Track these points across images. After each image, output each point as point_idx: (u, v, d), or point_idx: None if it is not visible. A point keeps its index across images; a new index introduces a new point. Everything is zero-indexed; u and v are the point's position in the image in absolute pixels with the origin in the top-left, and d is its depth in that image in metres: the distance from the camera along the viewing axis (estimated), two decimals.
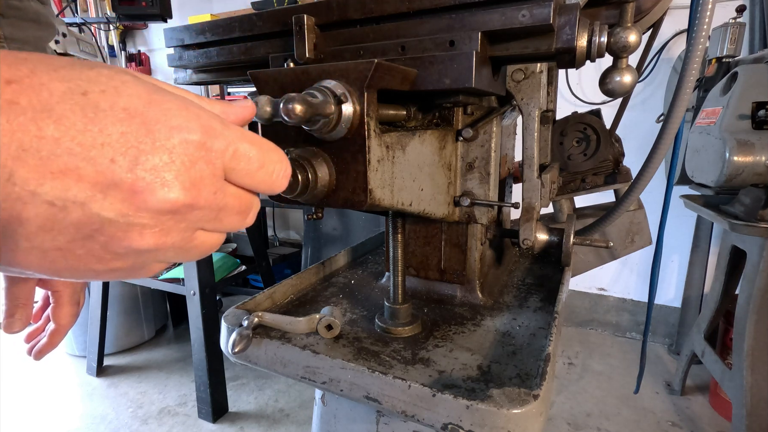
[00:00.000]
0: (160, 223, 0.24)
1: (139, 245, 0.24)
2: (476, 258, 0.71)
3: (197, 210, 0.26)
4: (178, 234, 0.26)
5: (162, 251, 0.26)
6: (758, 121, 1.36)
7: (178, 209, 0.24)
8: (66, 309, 0.60)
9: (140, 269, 0.27)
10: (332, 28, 0.57)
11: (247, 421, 1.90)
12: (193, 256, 0.28)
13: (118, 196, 0.22)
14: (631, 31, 0.49)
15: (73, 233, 0.22)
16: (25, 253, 0.22)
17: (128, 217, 0.23)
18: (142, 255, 0.25)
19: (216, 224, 0.28)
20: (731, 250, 1.69)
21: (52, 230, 0.22)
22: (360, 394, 0.50)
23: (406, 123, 0.59)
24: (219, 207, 0.27)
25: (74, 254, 0.23)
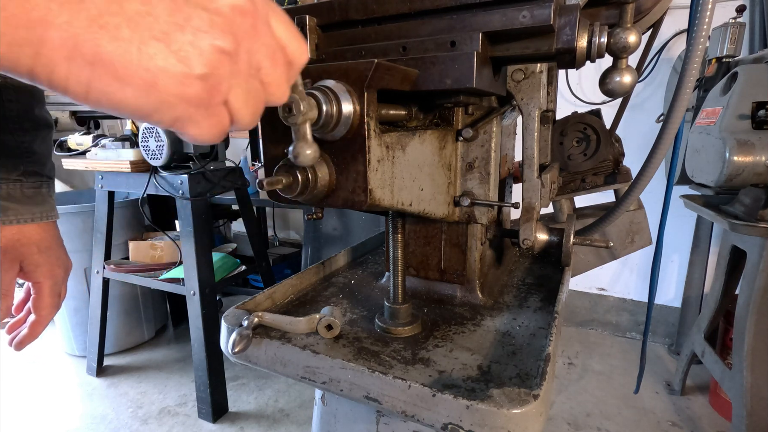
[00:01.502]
0: (236, 24, 0.25)
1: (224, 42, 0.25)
2: (476, 258, 0.71)
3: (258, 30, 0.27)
4: (248, 52, 0.27)
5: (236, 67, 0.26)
6: (758, 121, 1.36)
7: (247, 13, 0.26)
8: (46, 300, 0.61)
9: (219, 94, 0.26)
10: (334, 28, 0.57)
11: (247, 421, 1.90)
12: (252, 100, 0.28)
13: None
14: (631, 32, 0.49)
15: (166, 19, 0.23)
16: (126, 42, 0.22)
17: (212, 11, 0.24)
18: (224, 63, 0.25)
19: (272, 64, 0.29)
20: (731, 250, 1.69)
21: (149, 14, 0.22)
22: (360, 394, 0.50)
23: (407, 123, 0.60)
24: (272, 46, 0.29)
25: (170, 47, 0.23)
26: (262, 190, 0.41)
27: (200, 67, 0.24)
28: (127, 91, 0.23)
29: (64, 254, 0.66)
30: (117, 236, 2.22)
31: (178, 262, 2.13)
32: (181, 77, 0.24)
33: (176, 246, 2.12)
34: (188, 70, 0.24)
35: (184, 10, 0.24)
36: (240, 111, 0.28)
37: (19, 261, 0.60)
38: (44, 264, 0.61)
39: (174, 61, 0.23)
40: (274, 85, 0.30)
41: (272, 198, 0.46)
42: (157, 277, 2.00)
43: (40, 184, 0.64)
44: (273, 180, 0.39)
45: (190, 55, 0.24)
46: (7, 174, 0.60)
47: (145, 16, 0.22)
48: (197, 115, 0.26)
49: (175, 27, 0.23)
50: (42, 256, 0.61)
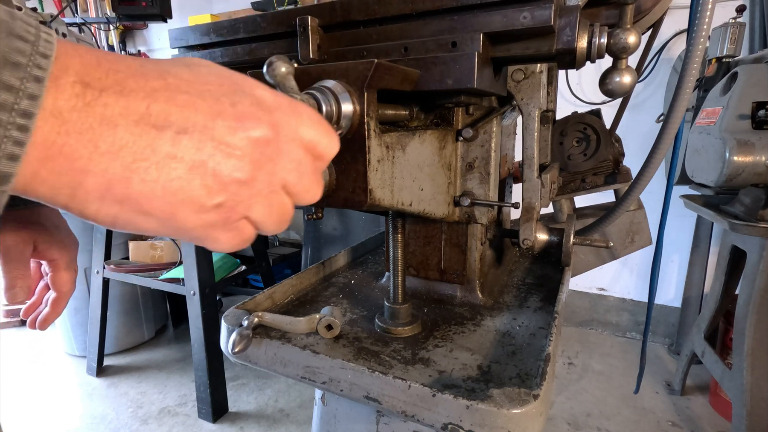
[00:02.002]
0: (255, 153, 0.27)
1: (240, 173, 0.27)
2: (476, 258, 0.71)
3: (280, 152, 0.29)
4: (267, 174, 0.28)
5: (254, 191, 0.28)
6: (758, 121, 1.36)
7: (267, 141, 0.28)
8: (65, 275, 0.63)
9: (236, 213, 0.28)
10: (336, 29, 0.57)
11: (247, 421, 1.90)
12: (274, 215, 0.30)
13: (223, 125, 0.26)
14: (631, 33, 0.49)
15: (189, 160, 0.25)
16: (152, 184, 0.25)
17: (232, 144, 0.26)
18: (240, 189, 0.27)
19: (296, 178, 0.30)
20: (731, 250, 1.69)
21: (176, 158, 0.25)
22: (360, 394, 0.50)
23: (408, 123, 0.60)
24: (297, 158, 0.30)
25: (190, 185, 0.25)
26: None
27: (216, 198, 0.26)
28: (150, 222, 0.26)
29: (71, 232, 0.67)
30: (117, 236, 2.22)
31: (178, 262, 2.13)
32: (197, 209, 0.26)
33: (176, 246, 2.12)
34: (204, 202, 0.26)
35: (207, 148, 0.26)
36: (263, 223, 0.30)
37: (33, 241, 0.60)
38: (57, 241, 0.63)
39: (192, 195, 0.26)
40: (303, 192, 0.31)
41: None
42: (157, 277, 2.00)
43: None
44: None
45: (207, 187, 0.26)
46: None
47: (173, 158, 0.25)
48: (215, 234, 0.29)
49: (198, 164, 0.26)
50: (54, 233, 0.63)
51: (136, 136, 0.24)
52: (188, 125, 0.25)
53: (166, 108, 0.25)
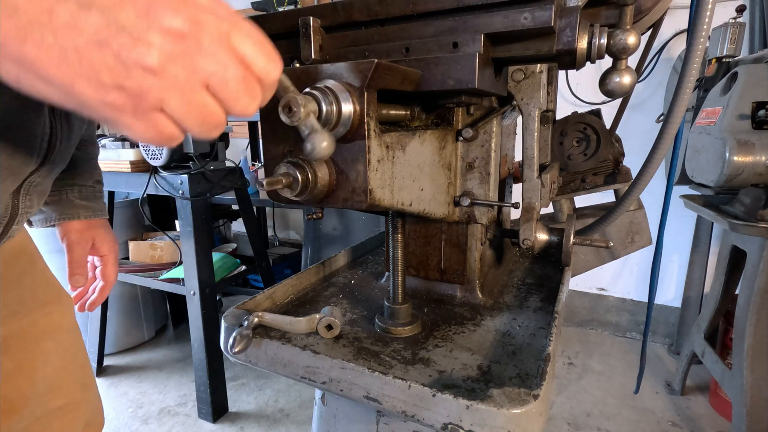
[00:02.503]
0: (167, 45, 0.26)
1: (146, 60, 0.26)
2: (476, 258, 0.71)
3: (201, 52, 0.28)
4: (182, 69, 0.27)
5: (166, 82, 0.27)
6: (758, 121, 1.36)
7: (183, 35, 0.27)
8: (111, 268, 0.82)
9: (145, 103, 0.27)
10: (338, 29, 0.57)
11: (247, 421, 1.90)
12: (194, 114, 0.29)
13: (134, 9, 0.25)
14: (630, 33, 0.49)
15: (91, 35, 0.25)
16: (48, 49, 0.25)
17: (139, 30, 0.25)
18: (147, 77, 0.26)
19: (221, 83, 0.29)
20: (731, 250, 1.69)
21: (75, 28, 0.25)
22: (360, 394, 0.50)
23: (409, 123, 0.60)
24: (224, 62, 0.29)
25: (89, 59, 0.25)
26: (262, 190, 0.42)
27: (116, 78, 0.26)
28: (50, 89, 0.26)
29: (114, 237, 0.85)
30: (117, 236, 2.20)
31: (178, 262, 2.13)
32: (96, 85, 0.26)
33: (176, 246, 2.12)
34: (103, 79, 0.26)
35: (112, 28, 0.25)
36: (182, 120, 0.29)
37: (91, 240, 0.79)
38: (108, 241, 0.82)
39: (89, 69, 0.25)
40: (231, 100, 0.30)
41: (272, 198, 0.46)
42: (157, 277, 2.00)
43: (101, 189, 0.84)
44: (273, 180, 0.39)
45: (109, 67, 0.26)
46: (84, 182, 0.79)
47: (72, 29, 0.25)
48: (125, 119, 0.28)
49: (98, 41, 0.25)
50: (106, 236, 0.82)
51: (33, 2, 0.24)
52: (93, 1, 0.25)
53: None
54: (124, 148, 1.90)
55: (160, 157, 1.74)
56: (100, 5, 0.25)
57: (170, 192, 1.79)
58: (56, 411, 0.68)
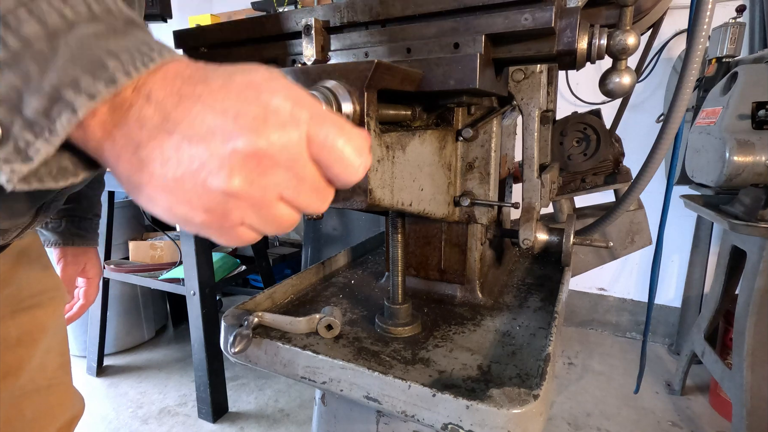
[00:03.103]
0: (247, 168, 0.28)
1: (229, 184, 0.28)
2: (476, 258, 0.71)
3: (278, 168, 0.29)
4: (260, 189, 0.29)
5: (246, 203, 0.29)
6: (758, 121, 1.36)
7: (261, 157, 0.28)
8: (93, 289, 0.94)
9: (229, 221, 0.30)
10: (340, 30, 0.57)
11: (247, 421, 1.90)
12: (271, 224, 0.32)
13: (220, 137, 0.28)
14: (630, 34, 0.49)
15: (187, 165, 0.28)
16: (156, 180, 0.28)
17: (225, 157, 0.28)
18: (230, 201, 0.29)
19: (294, 194, 0.31)
20: (731, 250, 1.69)
21: (177, 161, 0.28)
22: (360, 394, 0.50)
23: (411, 123, 0.60)
24: (299, 176, 0.30)
25: (184, 187, 0.28)
26: None
27: (204, 203, 0.29)
28: (157, 209, 0.30)
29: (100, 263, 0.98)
30: (117, 236, 2.22)
31: (178, 262, 2.13)
32: (189, 209, 0.29)
33: (176, 246, 2.12)
34: (194, 205, 0.29)
35: (202, 157, 0.28)
36: (261, 229, 0.32)
37: (83, 264, 0.91)
38: (96, 266, 0.94)
39: (183, 197, 0.28)
40: (304, 206, 0.32)
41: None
42: (157, 277, 2.00)
43: (98, 222, 0.95)
44: None
45: (197, 194, 0.28)
46: (85, 214, 0.90)
47: (174, 161, 0.28)
48: (212, 234, 0.31)
49: (192, 170, 0.28)
50: (95, 262, 0.94)
51: (151, 138, 0.28)
52: (192, 134, 0.27)
53: (181, 116, 0.28)
54: None
55: None
56: (197, 135, 0.28)
57: None
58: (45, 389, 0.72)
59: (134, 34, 0.28)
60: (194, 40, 0.68)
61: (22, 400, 0.68)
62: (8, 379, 0.66)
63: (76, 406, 0.81)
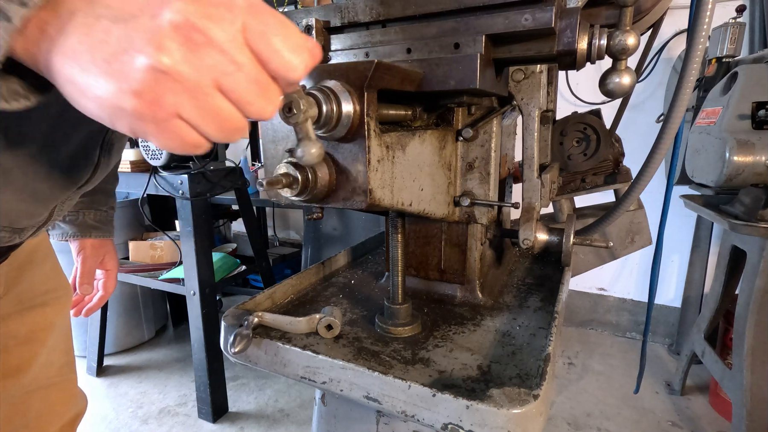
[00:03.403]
0: (176, 42, 0.26)
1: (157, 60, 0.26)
2: (476, 258, 0.71)
3: (211, 47, 0.27)
4: (194, 69, 0.27)
5: (179, 87, 0.27)
6: (758, 121, 1.36)
7: (190, 29, 0.26)
8: (112, 282, 0.95)
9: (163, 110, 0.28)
10: (340, 30, 0.57)
11: (247, 421, 1.90)
12: (210, 118, 0.29)
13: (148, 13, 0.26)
14: (630, 35, 0.49)
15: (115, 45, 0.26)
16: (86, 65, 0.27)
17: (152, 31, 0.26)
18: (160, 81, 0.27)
19: (234, 84, 0.28)
20: (731, 250, 1.69)
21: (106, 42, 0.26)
22: (360, 394, 0.50)
23: (411, 123, 0.60)
24: (235, 61, 0.28)
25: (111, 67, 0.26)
26: (262, 190, 0.42)
27: (132, 84, 0.27)
28: (89, 104, 0.28)
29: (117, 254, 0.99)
30: (117, 236, 2.20)
31: (178, 262, 2.13)
32: (116, 93, 0.27)
33: (176, 246, 2.12)
34: (122, 86, 0.27)
35: (131, 35, 0.26)
36: (200, 126, 0.29)
37: (102, 256, 0.92)
38: (113, 258, 0.95)
39: (109, 80, 0.27)
40: (244, 102, 0.29)
41: (272, 198, 0.46)
42: (157, 277, 2.00)
43: (113, 214, 0.97)
44: (273, 180, 0.39)
45: (124, 73, 0.26)
46: (100, 206, 0.91)
47: (104, 43, 0.26)
48: (149, 128, 0.28)
49: (120, 50, 0.26)
50: (112, 254, 0.95)
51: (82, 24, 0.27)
52: (120, 15, 0.26)
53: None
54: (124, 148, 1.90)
55: (160, 157, 1.74)
56: (125, 15, 0.26)
57: (170, 192, 1.79)
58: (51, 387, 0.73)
59: None
60: None
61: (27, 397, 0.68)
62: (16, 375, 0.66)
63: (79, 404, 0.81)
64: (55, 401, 0.74)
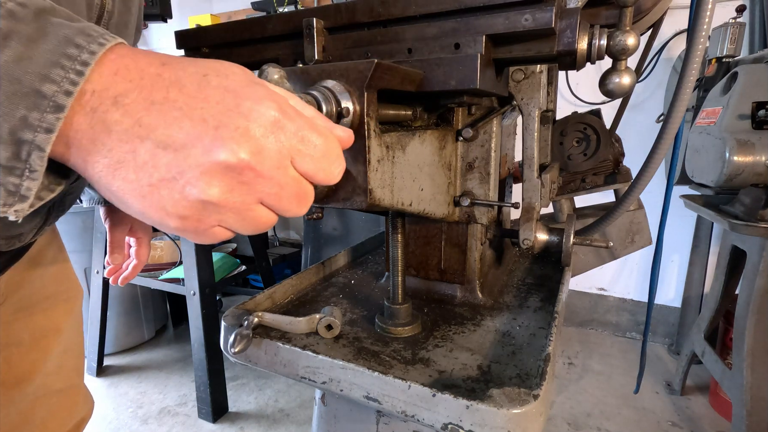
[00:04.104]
0: (227, 178, 0.29)
1: (207, 194, 0.28)
2: (476, 258, 0.71)
3: (260, 178, 0.29)
4: (240, 196, 0.30)
5: (224, 209, 0.30)
6: (758, 121, 1.36)
7: (242, 168, 0.28)
8: (144, 249, 0.91)
9: (204, 225, 0.30)
10: (341, 30, 0.57)
11: (247, 421, 1.90)
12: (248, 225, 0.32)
13: (201, 147, 0.28)
14: (630, 35, 0.49)
15: (164, 172, 0.28)
16: (130, 184, 0.28)
17: (204, 167, 0.28)
18: (207, 208, 0.29)
19: (275, 200, 0.31)
20: (731, 250, 1.69)
21: (153, 167, 0.28)
22: (360, 394, 0.50)
23: (412, 123, 0.60)
24: (280, 183, 0.31)
25: (159, 193, 0.28)
26: None
27: (180, 211, 0.29)
28: (131, 213, 0.30)
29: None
30: None
31: (178, 262, 2.13)
32: (163, 214, 0.29)
33: (176, 246, 2.12)
34: (169, 211, 0.29)
35: (180, 166, 0.28)
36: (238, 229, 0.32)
37: (130, 224, 0.88)
38: (143, 227, 0.91)
39: (159, 203, 0.29)
40: (283, 211, 0.33)
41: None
42: (157, 277, 2.00)
43: None
44: None
45: (173, 200, 0.29)
46: None
47: (149, 167, 0.28)
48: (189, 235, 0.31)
49: (168, 178, 0.28)
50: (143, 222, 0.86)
51: (122, 142, 0.28)
52: (169, 142, 0.28)
53: (155, 122, 0.28)
54: None
55: None
56: (174, 143, 0.28)
57: None
58: (57, 393, 0.71)
59: (51, 32, 0.27)
60: (195, 40, 0.68)
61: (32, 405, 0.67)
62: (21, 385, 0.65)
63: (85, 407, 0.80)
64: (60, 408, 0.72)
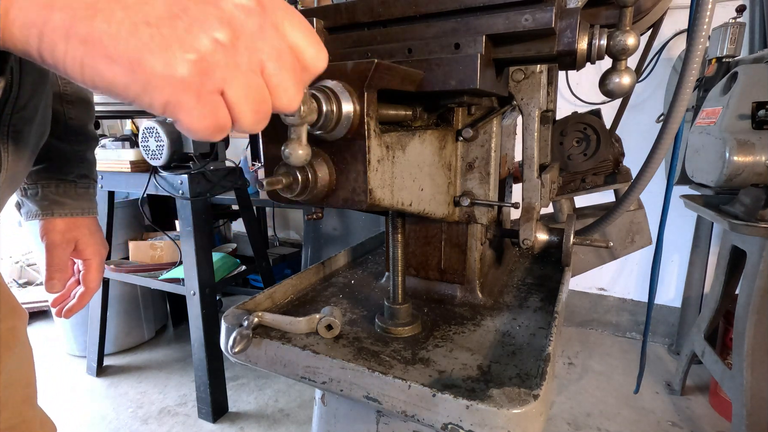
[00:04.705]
0: (236, 21, 0.26)
1: (218, 33, 0.26)
2: (476, 258, 0.71)
3: (262, 32, 0.28)
4: (246, 49, 0.27)
5: (232, 60, 0.26)
6: (758, 121, 1.36)
7: (250, 11, 0.27)
8: (94, 274, 0.75)
9: (209, 85, 0.26)
10: (341, 30, 0.57)
11: (247, 421, 1.90)
12: (248, 96, 0.28)
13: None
14: (630, 35, 0.49)
15: (163, 9, 0.24)
16: (117, 23, 0.23)
17: (213, 3, 0.26)
18: (217, 52, 0.26)
19: (275, 67, 0.29)
20: (731, 250, 1.69)
21: (147, 3, 0.24)
22: (360, 394, 0.50)
23: (412, 123, 0.60)
24: (280, 50, 0.29)
25: (160, 33, 0.24)
26: (262, 190, 0.42)
27: (190, 51, 0.25)
28: (115, 69, 0.24)
29: (104, 239, 0.79)
30: (117, 236, 2.22)
31: (178, 262, 2.13)
32: (167, 58, 0.24)
33: (176, 246, 2.12)
34: (176, 53, 0.24)
35: (183, 2, 0.25)
36: (239, 105, 0.27)
37: (74, 242, 0.73)
38: (93, 245, 0.75)
39: (161, 43, 0.24)
40: (281, 89, 0.29)
41: (272, 198, 0.46)
42: (157, 277, 2.00)
43: (88, 186, 0.77)
44: (273, 180, 0.39)
45: (181, 39, 0.24)
46: (64, 176, 0.73)
47: (143, 4, 0.24)
48: (188, 101, 0.25)
49: (170, 15, 0.24)
50: (91, 238, 0.75)
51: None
52: None
53: None
54: (124, 149, 1.90)
55: (160, 157, 1.74)
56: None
57: (170, 192, 1.79)
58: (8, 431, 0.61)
59: None
60: None
61: None
62: None
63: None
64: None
